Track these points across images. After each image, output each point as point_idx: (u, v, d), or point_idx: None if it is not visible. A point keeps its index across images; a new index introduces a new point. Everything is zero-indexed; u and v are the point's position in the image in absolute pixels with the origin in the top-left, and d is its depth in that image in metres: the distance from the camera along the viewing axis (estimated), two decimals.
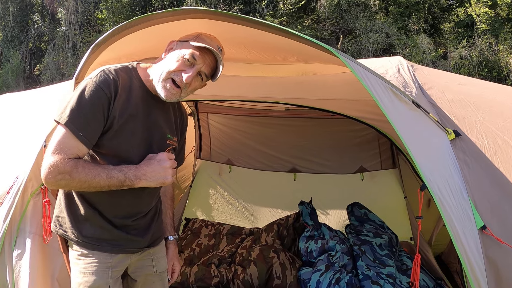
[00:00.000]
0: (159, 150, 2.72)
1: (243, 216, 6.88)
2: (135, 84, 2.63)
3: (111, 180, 2.40)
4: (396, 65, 4.27)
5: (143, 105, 2.64)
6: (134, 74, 2.67)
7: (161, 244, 3.06)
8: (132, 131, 2.58)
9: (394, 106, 3.00)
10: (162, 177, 2.53)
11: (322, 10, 28.32)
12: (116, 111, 2.49)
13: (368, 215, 5.76)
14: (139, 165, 2.53)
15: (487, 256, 2.90)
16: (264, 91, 4.96)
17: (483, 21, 23.59)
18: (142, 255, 2.89)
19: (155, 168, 2.52)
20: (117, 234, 2.66)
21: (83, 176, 2.36)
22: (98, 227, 2.62)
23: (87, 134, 2.40)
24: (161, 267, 3.03)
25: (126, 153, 2.57)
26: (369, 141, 6.38)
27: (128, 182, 2.45)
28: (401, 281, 4.61)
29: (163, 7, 25.27)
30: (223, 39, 3.28)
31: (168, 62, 2.61)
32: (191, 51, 2.58)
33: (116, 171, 2.43)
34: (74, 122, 2.37)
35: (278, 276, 4.91)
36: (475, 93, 4.18)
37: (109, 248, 2.65)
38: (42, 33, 30.40)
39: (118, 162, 2.53)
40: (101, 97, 2.42)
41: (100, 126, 2.45)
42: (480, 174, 3.24)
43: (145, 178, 2.48)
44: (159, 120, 2.75)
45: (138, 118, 2.60)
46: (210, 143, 7.04)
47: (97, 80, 2.44)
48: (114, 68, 2.57)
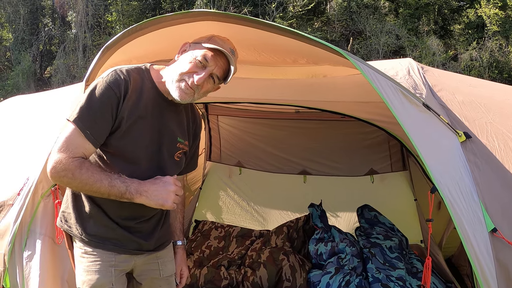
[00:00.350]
0: (169, 153, 2.73)
1: (253, 218, 6.87)
2: (147, 85, 2.62)
3: (112, 189, 2.39)
4: (406, 67, 4.27)
5: (153, 107, 2.62)
6: (147, 76, 2.65)
7: (167, 248, 3.03)
8: (140, 133, 2.57)
9: (404, 108, 2.99)
10: (163, 199, 2.48)
11: (332, 12, 28.37)
12: (125, 112, 2.48)
13: (378, 218, 5.74)
14: (144, 181, 2.51)
15: (498, 259, 2.88)
16: (274, 93, 4.96)
17: (493, 22, 23.54)
18: (148, 258, 2.86)
19: (158, 188, 2.49)
20: (120, 233, 2.65)
21: (85, 178, 2.36)
22: (102, 225, 2.62)
23: (94, 132, 2.41)
24: (168, 271, 3.01)
25: (132, 154, 2.57)
26: (379, 143, 6.36)
27: (128, 195, 2.42)
28: (411, 284, 4.59)
29: (173, 9, 25.37)
30: (233, 41, 3.28)
31: (180, 64, 2.60)
32: (204, 53, 2.56)
33: (119, 181, 2.42)
34: (82, 120, 2.38)
35: (287, 279, 4.91)
36: (486, 95, 4.17)
37: (111, 247, 2.65)
38: (52, 36, 30.54)
39: (124, 163, 2.55)
40: (111, 96, 2.43)
41: (108, 125, 2.46)
42: (491, 176, 3.22)
43: (145, 195, 2.45)
44: (170, 123, 2.72)
45: (147, 119, 2.59)
46: (220, 145, 7.04)
47: (108, 79, 2.45)
48: (126, 69, 2.56)
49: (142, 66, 2.70)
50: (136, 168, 2.58)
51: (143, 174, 2.59)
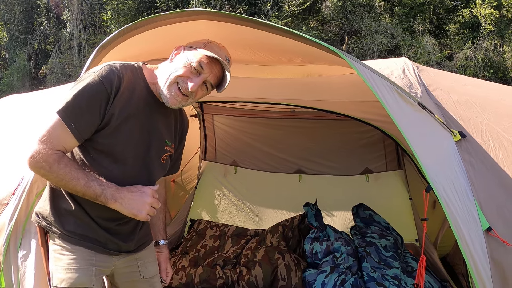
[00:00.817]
0: (157, 155, 2.72)
1: (248, 218, 6.87)
2: (139, 84, 2.59)
3: (87, 189, 2.36)
4: (401, 66, 4.27)
5: (144, 106, 2.60)
6: (140, 74, 2.62)
7: (148, 249, 2.99)
8: (130, 131, 2.54)
9: (399, 108, 3.00)
10: (137, 209, 2.47)
11: (327, 11, 28.38)
12: (116, 109, 2.45)
13: (373, 217, 5.75)
14: (121, 188, 2.48)
15: (493, 258, 2.89)
16: (270, 93, 4.96)
17: (488, 22, 23.57)
18: (127, 260, 2.83)
19: (134, 198, 2.47)
20: (101, 233, 2.61)
21: (62, 174, 2.34)
22: (82, 223, 2.58)
23: (79, 126, 2.37)
24: (148, 272, 2.96)
25: (121, 152, 2.53)
26: (374, 143, 6.36)
27: (103, 198, 2.40)
28: (406, 282, 4.60)
29: (168, 8, 25.33)
30: (228, 41, 3.28)
31: (175, 66, 2.58)
32: (199, 59, 2.54)
33: (96, 183, 2.39)
34: (67, 113, 2.35)
35: (283, 278, 4.91)
36: (481, 94, 4.18)
37: (91, 245, 2.60)
38: (47, 35, 30.47)
39: (111, 161, 2.52)
40: (101, 91, 2.39)
41: (94, 120, 2.41)
42: (486, 175, 3.23)
43: (120, 202, 2.43)
44: (159, 125, 2.71)
45: (137, 119, 2.56)
46: (216, 144, 7.04)
47: (100, 74, 2.41)
48: (120, 65, 2.53)
49: (135, 64, 2.66)
50: (123, 167, 2.56)
51: (129, 174, 2.58)
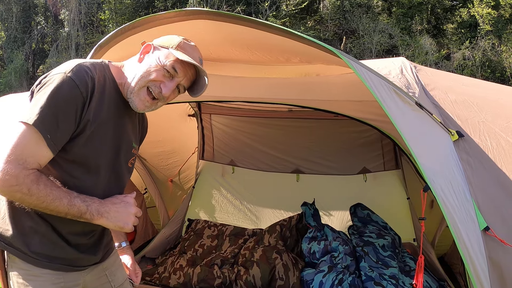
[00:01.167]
0: (125, 160, 2.53)
1: (246, 217, 6.87)
2: (108, 85, 2.34)
3: (71, 208, 2.12)
4: (399, 66, 4.27)
5: (114, 109, 2.37)
6: (108, 74, 2.37)
7: (113, 255, 2.77)
8: (103, 138, 2.31)
9: (397, 107, 3.00)
10: (123, 221, 2.27)
11: (325, 11, 28.42)
12: (90, 114, 2.20)
13: (371, 216, 5.75)
14: (105, 200, 2.28)
15: (490, 258, 2.89)
16: (267, 92, 4.96)
17: (486, 22, 23.62)
18: (96, 272, 2.60)
19: (119, 210, 2.29)
20: (70, 252, 2.35)
21: (43, 196, 2.05)
22: (49, 242, 2.29)
23: (56, 137, 2.10)
24: (118, 280, 2.75)
25: (94, 162, 2.31)
26: (372, 142, 6.37)
27: (89, 215, 2.17)
28: (404, 282, 4.60)
29: (166, 8, 25.36)
30: (226, 40, 3.29)
31: (145, 68, 2.37)
32: (172, 62, 2.36)
33: (80, 200, 2.15)
34: (43, 122, 2.04)
35: (281, 277, 4.91)
36: (478, 94, 4.18)
37: (59, 266, 2.33)
38: (45, 34, 30.52)
39: (84, 172, 2.28)
40: (76, 96, 2.12)
41: (70, 130, 2.15)
42: (483, 175, 3.23)
43: (106, 216, 2.23)
44: (127, 127, 2.51)
45: (109, 123, 2.34)
46: (213, 144, 7.03)
47: (73, 76, 2.12)
48: (90, 64, 2.28)
49: (102, 62, 2.42)
50: (95, 177, 2.35)
51: (101, 182, 2.38)
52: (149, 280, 5.27)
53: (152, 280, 5.29)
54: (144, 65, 2.38)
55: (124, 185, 2.62)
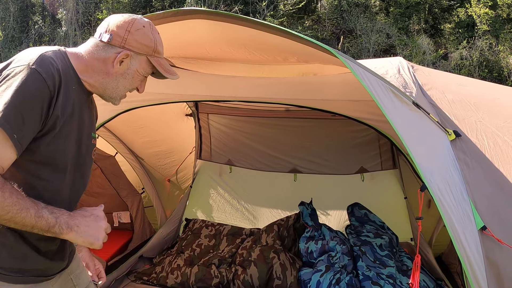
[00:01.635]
0: (87, 152, 2.38)
1: (244, 217, 6.87)
2: (70, 74, 2.16)
3: (38, 220, 1.90)
4: (396, 65, 4.28)
5: (77, 101, 2.20)
6: (68, 63, 2.18)
7: (75, 258, 2.60)
8: (68, 133, 2.15)
9: (394, 107, 3.00)
10: (94, 236, 2.07)
11: (322, 10, 28.44)
12: (59, 110, 2.03)
13: (368, 216, 5.76)
14: (74, 213, 2.08)
15: (487, 257, 2.89)
16: (265, 92, 4.96)
17: (483, 22, 23.65)
18: (62, 279, 2.43)
19: (89, 224, 2.09)
20: (41, 261, 2.18)
21: (8, 205, 1.83)
22: (19, 254, 2.10)
23: (22, 137, 1.89)
24: (83, 283, 2.59)
25: (63, 158, 2.15)
26: (369, 142, 6.37)
27: (57, 229, 1.97)
28: (401, 281, 4.60)
29: (163, 7, 25.37)
30: (223, 40, 3.29)
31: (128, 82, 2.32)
32: (150, 70, 2.35)
33: (47, 211, 1.95)
34: (8, 121, 1.83)
35: (278, 277, 4.91)
36: (476, 94, 4.18)
37: (31, 278, 2.15)
38: (42, 34, 30.49)
39: (52, 172, 2.12)
40: (44, 92, 1.94)
41: (35, 128, 1.96)
42: (480, 174, 3.24)
43: (76, 231, 2.02)
44: (87, 117, 2.35)
45: (74, 117, 2.17)
46: (211, 143, 7.03)
47: (38, 68, 1.94)
48: (52, 53, 2.10)
49: (58, 49, 2.20)
50: (62, 175, 2.20)
51: (67, 181, 2.24)
52: (146, 280, 5.26)
53: (150, 280, 5.29)
54: (125, 77, 2.30)
55: (88, 181, 2.47)
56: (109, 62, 2.24)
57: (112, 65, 2.24)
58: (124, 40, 2.22)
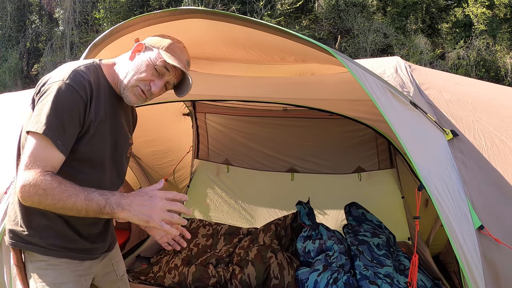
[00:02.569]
0: (124, 151, 2.71)
1: (241, 216, 6.88)
2: (102, 84, 2.49)
3: (89, 203, 2.13)
4: (394, 65, 4.28)
5: (110, 106, 2.51)
6: (100, 73, 2.51)
7: (116, 247, 2.94)
8: (103, 135, 2.46)
9: (392, 106, 3.00)
10: (147, 215, 2.16)
11: (320, 10, 28.42)
12: (92, 115, 2.35)
13: (365, 215, 5.76)
14: (127, 194, 2.23)
15: (485, 256, 2.90)
16: (262, 91, 4.96)
17: (480, 22, 23.67)
18: (104, 262, 2.79)
19: (143, 203, 2.19)
20: (83, 244, 2.51)
21: (58, 193, 2.12)
22: (64, 236, 2.45)
23: (65, 142, 2.23)
24: (121, 270, 2.95)
25: (99, 156, 2.46)
26: (366, 141, 6.38)
27: (109, 209, 2.15)
28: (398, 281, 4.60)
29: (161, 7, 25.33)
30: (221, 39, 3.29)
31: (137, 67, 2.50)
32: (163, 61, 2.48)
33: (97, 194, 2.17)
34: (51, 129, 2.18)
35: (276, 276, 4.91)
36: (473, 93, 4.19)
37: (77, 255, 2.51)
38: (39, 33, 30.46)
39: (91, 168, 2.44)
40: (77, 101, 2.26)
41: (76, 132, 2.30)
42: (478, 174, 3.24)
43: (128, 209, 2.16)
44: (122, 121, 2.67)
45: (107, 120, 2.48)
46: (208, 143, 7.03)
47: (71, 82, 2.26)
48: (84, 67, 2.40)
49: (93, 62, 2.54)
50: (102, 172, 2.52)
51: (107, 177, 2.56)
52: (144, 279, 5.26)
53: (147, 279, 5.28)
54: (135, 64, 2.52)
55: (124, 176, 2.79)
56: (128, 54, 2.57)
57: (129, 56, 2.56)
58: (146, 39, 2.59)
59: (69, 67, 2.37)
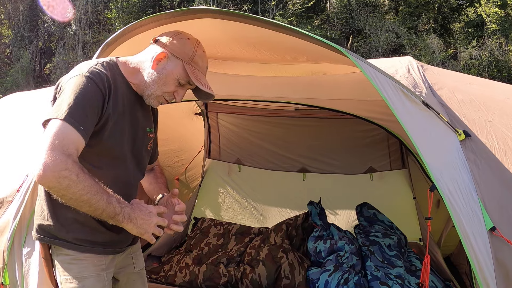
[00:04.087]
0: (144, 145, 2.80)
1: (252, 216, 6.88)
2: (119, 80, 2.57)
3: (108, 206, 2.25)
4: (406, 65, 4.27)
5: (127, 102, 2.60)
6: (117, 70, 2.60)
7: (138, 242, 3.04)
8: (122, 129, 2.55)
9: (404, 107, 2.99)
10: (144, 229, 2.37)
11: (331, 10, 28.36)
12: (110, 109, 2.43)
13: (377, 216, 5.74)
14: (134, 207, 2.39)
15: (496, 258, 2.89)
16: (274, 91, 4.96)
17: (493, 21, 23.53)
18: (125, 255, 2.88)
19: (144, 218, 2.37)
20: (108, 235, 2.59)
21: (88, 185, 2.18)
22: (90, 229, 2.52)
23: (86, 128, 2.28)
24: (140, 264, 3.04)
25: (119, 151, 2.56)
26: (378, 142, 6.36)
27: (121, 218, 2.30)
28: (409, 282, 4.60)
29: (172, 6, 25.36)
30: (233, 39, 3.29)
31: (161, 80, 2.59)
32: (185, 77, 2.59)
33: (115, 200, 2.29)
34: (73, 116, 2.21)
35: (286, 276, 4.91)
36: (485, 94, 4.17)
37: (102, 249, 2.59)
38: (52, 33, 30.58)
39: (111, 160, 2.54)
40: (96, 93, 2.35)
41: (95, 121, 2.36)
42: (490, 175, 3.23)
43: (134, 222, 2.34)
44: (140, 115, 2.74)
45: (125, 115, 2.58)
46: (220, 142, 7.04)
47: (90, 76, 2.36)
48: (101, 64, 2.50)
49: (110, 60, 2.62)
50: (124, 165, 2.63)
51: (126, 169, 2.65)
52: (154, 278, 5.27)
53: (158, 278, 5.29)
54: (160, 76, 2.58)
55: (144, 169, 2.91)
56: (149, 60, 2.59)
57: (150, 62, 2.58)
58: (166, 42, 2.59)
59: (86, 65, 2.47)
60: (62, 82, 2.42)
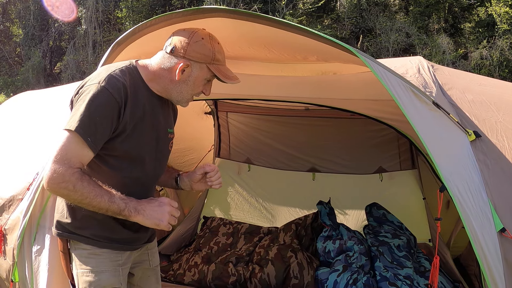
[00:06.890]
0: (165, 145, 2.90)
1: (261, 215, 6.88)
2: (139, 85, 2.64)
3: (111, 205, 2.40)
4: (416, 65, 4.26)
5: (148, 105, 2.67)
6: (136, 74, 2.66)
7: (154, 240, 3.14)
8: (141, 133, 2.63)
9: (414, 107, 2.99)
10: (158, 218, 2.51)
11: (341, 9, 28.28)
12: (127, 116, 2.51)
13: (386, 216, 5.73)
14: (141, 200, 2.55)
15: (506, 259, 2.88)
16: (284, 91, 4.96)
17: (504, 21, 23.39)
18: (141, 251, 2.96)
19: (154, 208, 2.53)
20: (126, 233, 2.71)
21: (86, 192, 2.34)
22: (108, 227, 2.65)
23: (95, 139, 2.40)
24: (155, 261, 3.13)
25: (138, 154, 2.64)
26: (388, 142, 6.35)
27: (126, 212, 2.45)
28: (418, 283, 4.59)
29: (182, 6, 25.36)
30: (243, 38, 3.29)
31: (191, 88, 2.70)
32: (211, 75, 2.68)
33: (119, 198, 2.43)
34: (83, 127, 2.34)
35: (295, 276, 4.91)
36: (496, 94, 4.15)
37: (118, 246, 2.71)
38: (62, 32, 30.66)
39: (130, 163, 2.63)
40: (111, 103, 2.43)
41: (108, 132, 2.46)
42: (500, 176, 3.21)
43: (142, 214, 2.49)
44: (161, 117, 2.81)
45: (145, 119, 2.64)
46: (229, 142, 7.05)
47: (106, 85, 2.43)
48: (119, 70, 2.56)
49: (129, 64, 2.68)
50: (141, 166, 2.69)
51: (147, 170, 2.73)
52: (163, 276, 5.28)
53: (167, 277, 5.31)
54: (187, 83, 2.67)
55: (165, 166, 3.04)
56: (173, 71, 2.63)
57: (175, 74, 2.61)
58: (184, 51, 2.58)
59: (105, 71, 2.54)
60: (81, 88, 2.52)
